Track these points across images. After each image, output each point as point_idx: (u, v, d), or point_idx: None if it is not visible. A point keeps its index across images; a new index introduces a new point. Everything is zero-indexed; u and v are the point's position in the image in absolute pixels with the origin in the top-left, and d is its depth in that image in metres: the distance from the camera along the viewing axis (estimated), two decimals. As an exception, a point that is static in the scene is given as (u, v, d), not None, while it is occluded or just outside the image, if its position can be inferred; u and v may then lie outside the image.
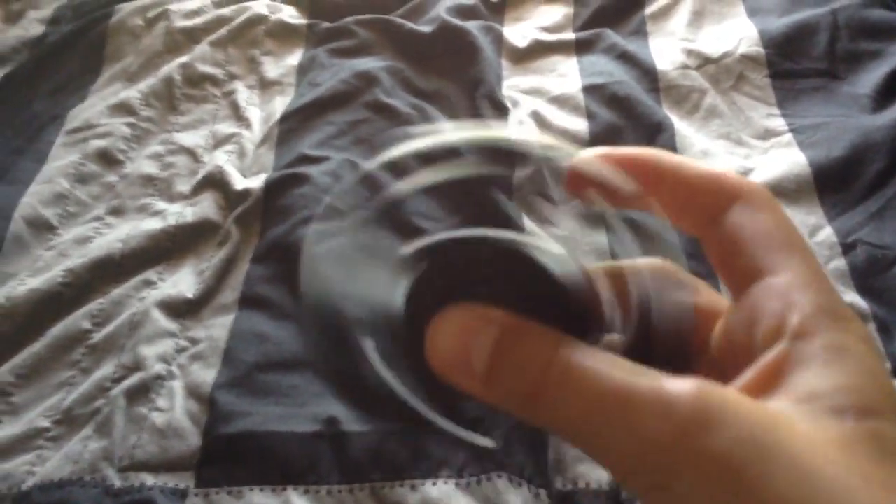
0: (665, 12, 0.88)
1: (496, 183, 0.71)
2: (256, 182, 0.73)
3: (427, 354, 0.19)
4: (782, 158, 0.71)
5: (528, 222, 0.67)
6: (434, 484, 0.52)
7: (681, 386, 0.16)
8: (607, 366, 0.17)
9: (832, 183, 0.68)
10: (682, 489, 0.16)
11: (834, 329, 0.18)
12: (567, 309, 0.19)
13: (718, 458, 0.15)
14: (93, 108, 0.85)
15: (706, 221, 0.21)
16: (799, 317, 0.18)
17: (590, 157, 0.21)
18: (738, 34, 0.82)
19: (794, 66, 0.79)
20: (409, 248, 0.20)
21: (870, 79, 0.76)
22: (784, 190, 0.68)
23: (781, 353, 0.17)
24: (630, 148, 0.21)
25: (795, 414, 0.16)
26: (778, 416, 0.16)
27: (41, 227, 0.73)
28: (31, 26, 0.98)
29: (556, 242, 0.20)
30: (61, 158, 0.79)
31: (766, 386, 0.17)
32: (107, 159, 0.79)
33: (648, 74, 0.80)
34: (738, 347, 0.19)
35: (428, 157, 0.21)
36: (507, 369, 0.18)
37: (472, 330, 0.18)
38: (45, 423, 0.59)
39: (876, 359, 0.18)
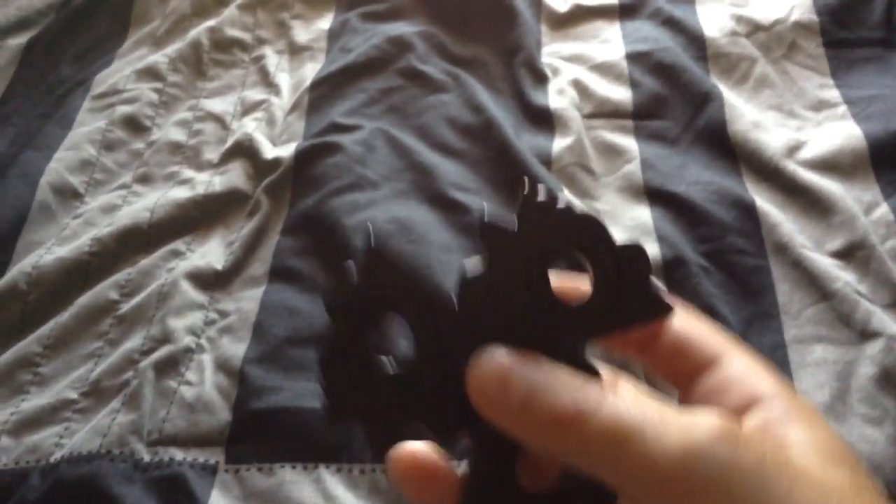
0: (713, -24, 0.84)
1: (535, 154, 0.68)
2: (286, 151, 0.70)
3: (469, 389, 0.21)
4: (836, 131, 0.68)
5: (567, 195, 0.64)
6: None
7: (706, 412, 0.19)
8: (637, 399, 0.19)
9: (889, 158, 0.65)
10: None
11: (795, 397, 0.21)
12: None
13: (747, 471, 0.17)
14: (119, 72, 0.83)
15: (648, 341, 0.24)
16: (766, 386, 0.21)
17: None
18: (790, 0, 0.78)
19: (849, 34, 0.75)
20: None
21: (930, 48, 0.72)
22: (839, 164, 0.65)
23: (766, 411, 0.20)
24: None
25: (799, 456, 0.19)
26: (788, 453, 0.19)
27: (67, 195, 0.71)
28: (57, -12, 0.96)
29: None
30: (87, 124, 0.78)
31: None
32: (134, 126, 0.77)
33: (696, 41, 0.76)
34: None
35: None
36: (540, 400, 0.20)
37: (510, 369, 0.20)
38: (73, 395, 0.57)
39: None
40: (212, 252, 0.65)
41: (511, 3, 0.81)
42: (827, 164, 0.65)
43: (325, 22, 0.86)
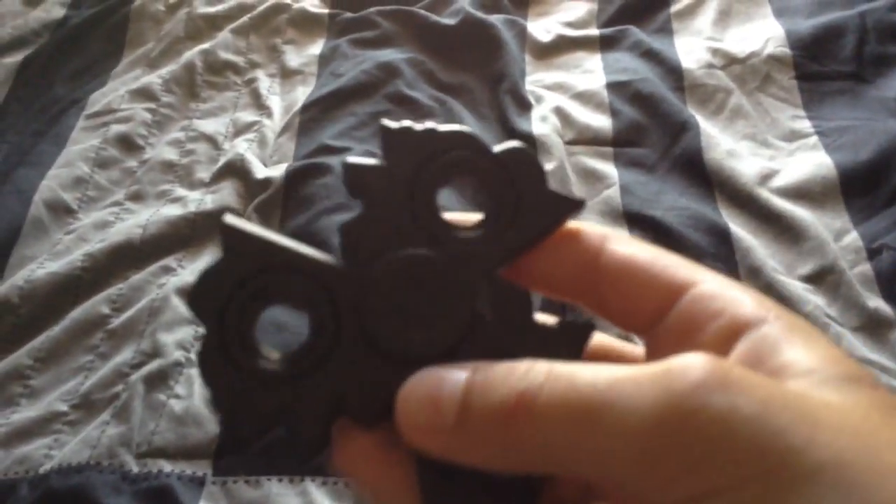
0: (691, 11, 0.87)
1: None
2: (277, 171, 0.72)
3: (398, 428, 0.17)
4: (808, 161, 0.70)
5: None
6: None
7: (686, 357, 0.15)
8: (599, 366, 0.16)
9: (858, 187, 0.68)
10: (697, 461, 0.14)
11: (785, 314, 0.17)
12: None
13: (736, 417, 0.14)
14: (114, 92, 0.85)
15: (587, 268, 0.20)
16: (749, 308, 0.17)
17: None
18: (764, 34, 0.82)
19: (820, 68, 0.79)
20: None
21: (897, 83, 0.75)
22: (809, 193, 0.68)
23: (755, 339, 0.17)
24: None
25: (807, 387, 0.15)
26: (793, 387, 0.15)
27: (61, 211, 0.73)
28: (53, 9, 0.98)
29: None
30: (81, 142, 0.79)
31: (754, 365, 0.17)
32: (127, 144, 0.79)
33: (673, 73, 0.79)
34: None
35: None
36: (478, 403, 0.17)
37: (439, 383, 0.17)
38: (63, 408, 0.58)
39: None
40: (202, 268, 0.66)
41: (496, 33, 0.84)
42: (798, 192, 0.68)
43: (317, 47, 0.88)
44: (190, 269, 0.67)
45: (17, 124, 0.84)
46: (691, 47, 0.82)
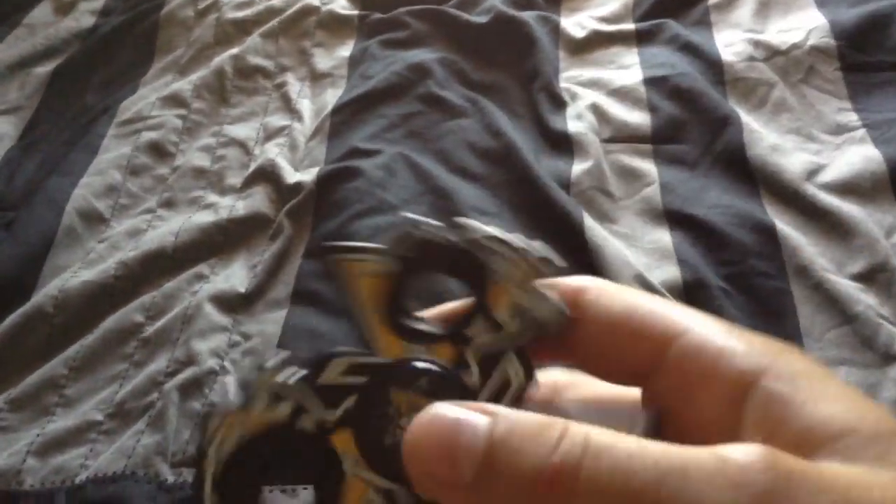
0: (729, 2, 0.85)
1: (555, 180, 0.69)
2: (308, 175, 0.71)
3: (407, 468, 0.16)
4: (856, 155, 0.68)
5: (587, 219, 0.65)
6: None
7: (745, 452, 0.14)
8: (637, 442, 0.15)
9: (910, 181, 0.65)
10: None
11: (779, 355, 0.16)
12: None
13: None
14: (144, 99, 0.85)
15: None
16: (742, 359, 0.16)
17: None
18: (807, 25, 0.79)
19: (866, 58, 0.76)
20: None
21: (948, 72, 0.72)
22: (858, 188, 0.65)
23: (763, 399, 0.16)
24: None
25: (854, 472, 0.15)
26: (848, 478, 0.15)
27: (93, 219, 0.72)
28: (83, 18, 0.98)
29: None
30: (113, 150, 0.79)
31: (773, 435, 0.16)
32: (158, 151, 0.79)
33: (713, 66, 0.77)
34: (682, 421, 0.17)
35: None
36: (504, 465, 0.15)
37: (455, 430, 0.15)
38: (99, 417, 0.58)
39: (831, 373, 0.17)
40: (235, 275, 0.66)
41: (529, 29, 0.83)
42: (847, 188, 0.65)
43: (346, 49, 0.87)
44: (223, 275, 0.66)
45: (49, 134, 0.84)
46: (731, 40, 0.80)
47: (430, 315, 0.20)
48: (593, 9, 0.88)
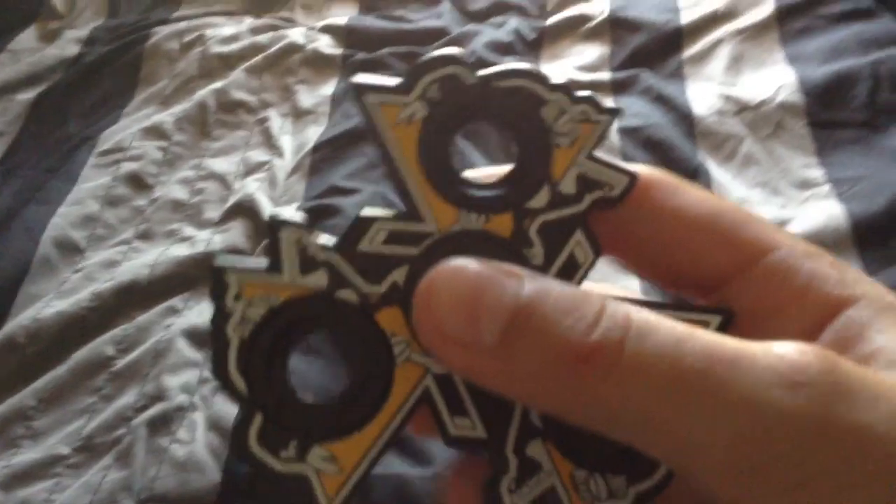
0: (703, 56, 0.87)
1: None
2: (287, 212, 0.72)
3: (415, 323, 0.15)
4: (820, 210, 0.70)
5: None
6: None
7: (802, 351, 0.13)
8: (685, 326, 0.14)
9: (872, 237, 0.67)
10: (817, 472, 0.13)
11: (871, 290, 0.16)
12: None
13: (868, 433, 0.13)
14: (125, 130, 0.85)
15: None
16: (835, 285, 0.16)
17: None
18: (777, 81, 0.81)
19: (833, 115, 0.78)
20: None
21: (911, 132, 0.75)
22: (822, 243, 0.67)
23: (844, 322, 0.15)
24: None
25: None
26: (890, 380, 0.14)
27: (69, 250, 0.73)
28: (68, 46, 0.99)
29: None
30: (92, 180, 0.80)
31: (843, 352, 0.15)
32: (137, 183, 0.79)
33: (685, 119, 0.79)
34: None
35: None
36: (536, 331, 0.13)
37: (481, 284, 0.14)
38: (65, 451, 0.58)
39: None
40: (209, 310, 0.66)
41: (509, 75, 0.84)
42: (810, 242, 0.67)
43: (329, 87, 0.89)
44: (196, 309, 0.66)
45: (29, 160, 0.84)
46: (703, 93, 0.82)
47: (483, 178, 0.17)
48: (573, 56, 0.90)
